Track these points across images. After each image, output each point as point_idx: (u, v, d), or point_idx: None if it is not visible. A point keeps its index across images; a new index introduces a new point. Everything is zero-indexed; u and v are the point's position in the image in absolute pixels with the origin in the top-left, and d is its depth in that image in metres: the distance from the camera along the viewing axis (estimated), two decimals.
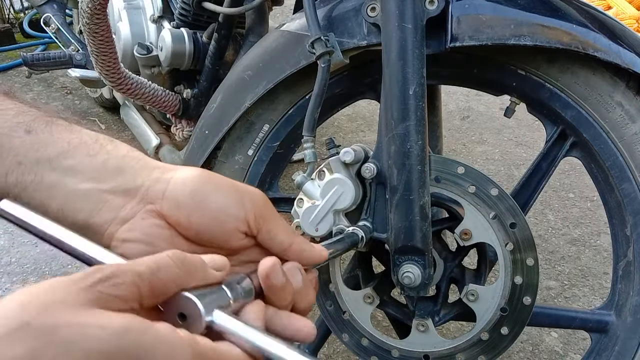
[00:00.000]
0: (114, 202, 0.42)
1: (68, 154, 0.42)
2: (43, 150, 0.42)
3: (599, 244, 1.76)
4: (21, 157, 0.42)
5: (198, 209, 0.42)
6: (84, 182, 0.42)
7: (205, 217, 0.43)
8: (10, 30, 3.16)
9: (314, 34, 0.84)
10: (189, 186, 0.43)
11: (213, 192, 0.43)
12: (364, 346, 0.93)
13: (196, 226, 0.43)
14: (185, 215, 0.42)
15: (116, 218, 0.42)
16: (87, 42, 1.20)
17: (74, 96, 2.66)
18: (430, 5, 0.80)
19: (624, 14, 3.03)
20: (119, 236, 0.42)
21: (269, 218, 0.45)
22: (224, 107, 0.98)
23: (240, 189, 0.45)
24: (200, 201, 0.43)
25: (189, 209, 0.42)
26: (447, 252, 0.94)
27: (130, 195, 0.42)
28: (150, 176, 0.43)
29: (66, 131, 0.44)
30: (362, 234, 0.78)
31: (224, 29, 1.30)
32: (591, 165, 0.90)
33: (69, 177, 0.42)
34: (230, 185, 0.44)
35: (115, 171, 0.43)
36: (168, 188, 0.43)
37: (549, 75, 0.87)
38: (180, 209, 0.42)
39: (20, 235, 1.77)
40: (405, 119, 0.79)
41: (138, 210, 0.42)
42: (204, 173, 0.44)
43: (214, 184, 0.44)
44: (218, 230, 0.43)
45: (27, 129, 0.42)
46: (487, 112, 2.62)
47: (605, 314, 0.93)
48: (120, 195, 0.42)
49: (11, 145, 0.42)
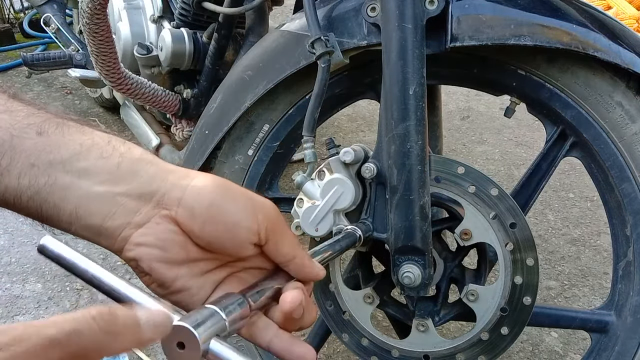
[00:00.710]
0: (128, 206, 0.42)
1: (81, 155, 0.42)
2: (56, 152, 0.42)
3: (599, 244, 1.76)
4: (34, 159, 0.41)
5: (213, 219, 0.43)
6: (97, 185, 0.42)
7: (219, 229, 0.43)
8: (10, 30, 3.16)
9: (314, 34, 0.84)
10: (205, 197, 0.43)
11: (228, 204, 0.43)
12: (364, 346, 0.93)
13: (208, 236, 0.43)
14: (199, 224, 0.42)
15: (130, 223, 0.42)
16: (87, 42, 1.20)
17: (74, 96, 2.66)
18: (430, 5, 0.80)
19: (624, 14, 3.03)
20: (132, 240, 0.42)
21: (279, 231, 0.46)
22: (224, 107, 0.98)
23: (255, 201, 0.45)
24: (216, 213, 0.43)
25: (203, 219, 0.42)
26: (447, 252, 0.94)
27: (144, 200, 0.42)
28: (166, 181, 0.43)
29: (78, 132, 0.43)
30: (360, 233, 0.78)
31: (224, 29, 1.30)
32: (591, 165, 0.90)
33: (83, 180, 0.42)
34: (246, 198, 0.45)
35: (130, 174, 0.43)
36: (184, 196, 0.42)
37: (549, 75, 0.87)
38: (195, 218, 0.42)
39: (20, 235, 1.76)
40: (405, 119, 0.79)
41: (153, 215, 0.42)
42: (220, 182, 0.44)
43: (230, 196, 0.44)
44: (230, 241, 0.43)
45: (38, 130, 0.42)
46: (487, 112, 2.62)
47: (605, 314, 0.93)
48: (134, 199, 0.42)
49: (23, 147, 0.41)
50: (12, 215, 0.43)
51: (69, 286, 1.56)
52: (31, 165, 0.41)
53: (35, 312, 1.48)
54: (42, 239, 0.41)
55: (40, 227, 0.45)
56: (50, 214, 0.42)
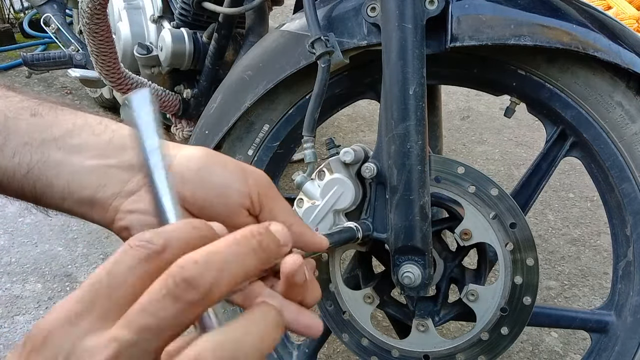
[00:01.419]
0: (119, 177, 0.43)
1: (73, 133, 0.43)
2: (49, 130, 0.43)
3: (599, 244, 1.76)
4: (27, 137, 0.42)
5: (203, 184, 0.43)
6: (89, 159, 0.43)
7: (210, 193, 0.43)
8: (10, 30, 3.16)
9: (314, 34, 0.84)
10: (194, 162, 0.43)
11: (218, 169, 0.44)
12: (364, 346, 0.93)
13: (201, 201, 0.43)
14: (190, 190, 0.43)
15: (122, 191, 0.43)
16: (87, 42, 1.20)
17: (74, 96, 2.66)
18: (430, 5, 0.80)
19: (624, 14, 3.03)
20: (124, 208, 0.43)
21: (272, 197, 0.46)
22: (224, 107, 0.98)
23: (244, 167, 0.45)
24: (206, 177, 0.43)
25: (194, 184, 0.43)
26: (447, 252, 0.94)
27: (135, 170, 0.43)
28: None
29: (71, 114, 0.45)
30: (360, 230, 0.78)
31: (224, 29, 1.30)
32: (591, 165, 0.90)
33: (75, 155, 0.43)
34: (235, 164, 0.45)
35: (121, 148, 0.43)
36: (174, 163, 0.43)
37: (549, 75, 0.87)
38: (185, 183, 0.43)
39: (20, 235, 1.77)
40: (405, 119, 0.79)
41: (144, 183, 0.43)
42: (209, 151, 0.45)
43: (219, 162, 0.44)
44: (222, 206, 0.43)
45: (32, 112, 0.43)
46: (487, 112, 2.62)
47: (605, 314, 0.93)
48: (125, 170, 0.43)
49: (17, 127, 0.42)
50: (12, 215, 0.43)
51: (69, 286, 1.56)
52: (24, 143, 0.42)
53: (35, 312, 1.48)
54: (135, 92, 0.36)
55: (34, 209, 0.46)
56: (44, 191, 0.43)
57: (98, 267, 0.34)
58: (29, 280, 1.57)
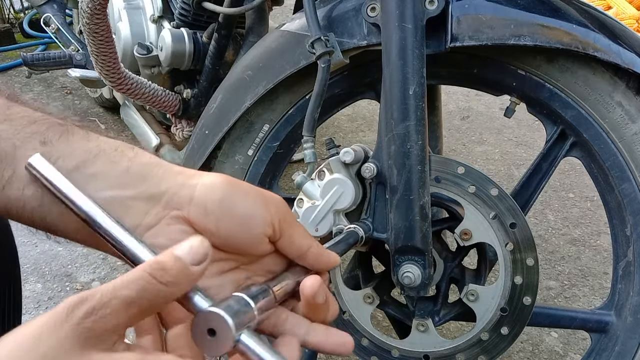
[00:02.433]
0: (138, 209, 0.41)
1: (88, 162, 0.41)
2: (61, 162, 0.41)
3: (599, 244, 1.76)
4: None
5: (227, 215, 0.42)
6: (106, 190, 0.41)
7: (235, 223, 0.42)
8: (10, 30, 3.16)
9: (314, 34, 0.84)
10: (216, 193, 0.42)
11: (240, 198, 0.43)
12: (364, 346, 0.93)
13: (224, 232, 0.42)
14: (214, 221, 0.42)
15: (140, 225, 0.41)
16: (87, 42, 1.20)
17: (74, 96, 2.66)
18: (430, 5, 0.80)
19: (624, 14, 3.03)
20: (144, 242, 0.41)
21: (290, 223, 0.45)
22: (224, 107, 0.98)
23: (265, 195, 0.45)
24: (229, 207, 0.42)
25: (217, 216, 0.42)
26: (447, 252, 0.94)
27: (154, 201, 0.42)
28: (174, 182, 0.42)
29: (83, 140, 0.42)
30: (362, 231, 0.78)
31: (224, 29, 1.30)
32: (591, 165, 0.90)
33: (91, 185, 0.41)
34: (256, 191, 0.44)
35: (139, 178, 0.42)
36: (195, 194, 0.42)
37: (549, 75, 0.87)
38: (208, 215, 0.42)
39: (20, 235, 1.76)
40: (405, 119, 0.79)
41: (163, 216, 0.42)
42: (229, 179, 0.44)
43: (241, 190, 0.43)
44: (246, 236, 0.43)
45: (42, 140, 0.41)
46: (487, 112, 2.62)
47: (605, 314, 0.93)
48: (144, 201, 0.41)
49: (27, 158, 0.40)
50: None
51: (69, 286, 1.56)
52: None
53: (35, 312, 1.48)
54: (31, 157, 0.39)
55: None
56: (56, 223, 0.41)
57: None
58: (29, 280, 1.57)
